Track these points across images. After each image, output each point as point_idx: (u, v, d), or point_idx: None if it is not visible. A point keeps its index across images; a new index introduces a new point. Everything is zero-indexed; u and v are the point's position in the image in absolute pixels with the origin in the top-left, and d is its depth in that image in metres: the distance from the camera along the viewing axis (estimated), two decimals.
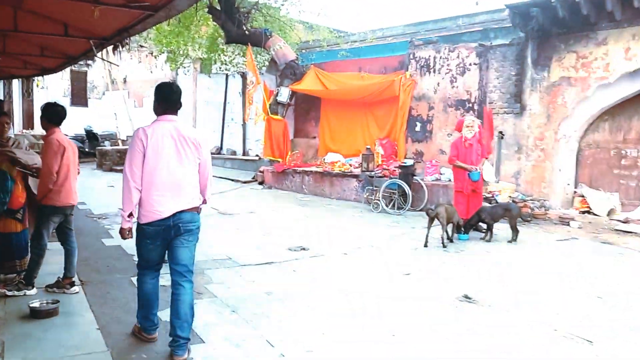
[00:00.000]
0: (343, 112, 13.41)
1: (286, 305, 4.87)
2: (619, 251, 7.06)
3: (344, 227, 8.73)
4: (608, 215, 8.93)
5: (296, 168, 12.82)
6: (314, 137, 14.30)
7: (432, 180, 10.26)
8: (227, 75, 16.65)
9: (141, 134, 3.50)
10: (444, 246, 7.25)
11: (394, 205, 10.08)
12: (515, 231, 7.51)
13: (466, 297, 5.10)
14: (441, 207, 7.27)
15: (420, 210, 10.06)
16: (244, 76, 16.08)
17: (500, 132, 10.33)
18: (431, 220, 7.30)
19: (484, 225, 7.78)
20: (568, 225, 8.60)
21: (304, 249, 7.18)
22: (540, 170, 9.91)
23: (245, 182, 13.99)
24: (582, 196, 9.60)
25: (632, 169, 9.30)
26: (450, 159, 8.03)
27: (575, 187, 9.92)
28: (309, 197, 11.99)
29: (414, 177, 10.18)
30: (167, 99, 3.72)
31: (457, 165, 7.89)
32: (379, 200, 10.05)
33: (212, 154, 17.05)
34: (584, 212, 9.32)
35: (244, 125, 16.09)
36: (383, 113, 12.52)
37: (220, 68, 16.55)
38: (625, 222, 8.49)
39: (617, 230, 8.23)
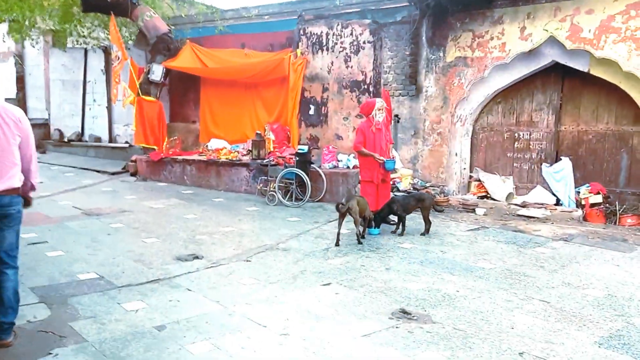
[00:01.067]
0: (226, 94, 12.14)
1: (186, 345, 3.74)
2: (535, 241, 6.84)
3: (239, 225, 7.64)
4: (506, 199, 8.86)
5: (175, 157, 11.36)
6: (194, 122, 12.87)
7: (330, 168, 9.51)
8: (85, 50, 14.42)
9: None
10: (360, 243, 6.52)
11: (291, 196, 9.18)
12: (427, 223, 7.01)
13: (403, 312, 4.36)
14: (353, 200, 6.51)
15: (319, 200, 9.28)
16: (106, 51, 14.01)
17: (396, 116, 9.86)
18: (342, 217, 6.52)
19: (394, 217, 7.19)
20: (473, 212, 8.37)
21: (197, 257, 6.02)
22: (438, 154, 9.62)
23: (114, 174, 12.19)
24: (479, 180, 9.48)
25: (525, 151, 9.34)
26: (355, 146, 7.28)
27: (471, 172, 9.79)
28: (192, 190, 10.65)
29: (312, 164, 9.36)
30: None
31: (364, 154, 7.17)
32: (274, 191, 9.08)
33: (71, 140, 14.82)
34: (482, 197, 9.20)
35: (109, 107, 14.09)
36: (272, 95, 11.49)
37: (77, 42, 14.27)
38: (524, 206, 8.44)
39: (519, 215, 8.13)
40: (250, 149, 11.48)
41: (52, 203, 9.14)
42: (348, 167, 9.56)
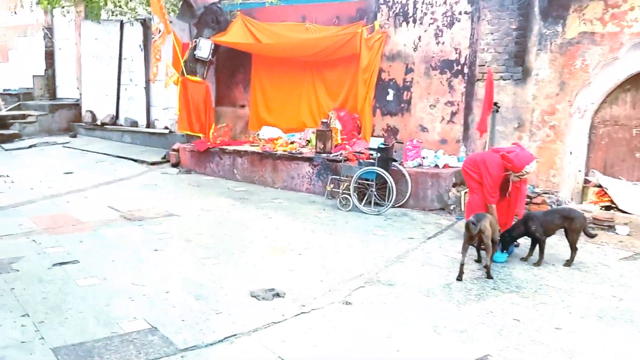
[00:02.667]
0: (282, 74, 10.48)
1: None
2: None
3: (314, 239, 6.04)
4: None
5: (225, 147, 9.78)
6: (243, 106, 11.26)
7: (414, 167, 7.82)
8: (122, 23, 12.89)
9: None
10: (490, 277, 4.85)
11: (367, 200, 7.54)
12: (574, 250, 5.27)
13: None
14: (485, 220, 4.81)
15: (401, 206, 7.61)
16: (145, 24, 12.45)
17: (495, 104, 8.05)
18: (470, 241, 4.83)
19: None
20: (609, 230, 6.58)
21: (277, 293, 4.43)
22: (549, 153, 7.82)
23: (153, 164, 10.69)
24: (599, 186, 7.67)
25: None
26: (489, 197, 5.53)
27: (586, 175, 7.97)
28: (244, 187, 9.08)
29: (394, 162, 7.68)
30: None
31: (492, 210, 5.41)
32: (349, 194, 7.44)
33: (105, 124, 13.38)
34: (606, 208, 7.39)
35: (147, 88, 12.56)
36: (337, 76, 9.78)
37: (112, 12, 12.74)
38: None
39: None
40: (309, 139, 9.87)
41: (84, 201, 7.68)
42: (436, 166, 7.85)
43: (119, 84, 13.20)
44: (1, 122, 13.14)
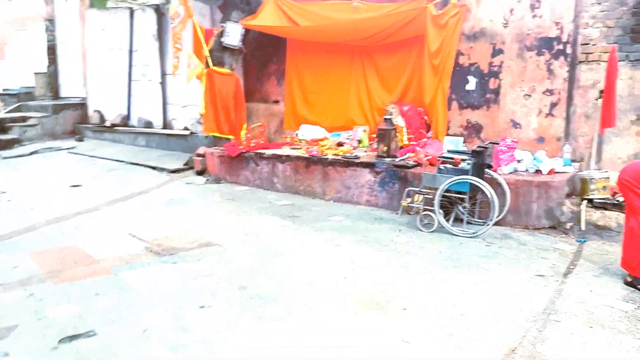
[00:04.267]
0: (324, 63, 8.87)
1: None
2: None
3: (414, 283, 4.43)
4: None
5: (262, 151, 8.19)
6: (276, 102, 9.66)
7: (510, 173, 6.21)
8: (131, 10, 11.29)
9: None
10: None
11: (455, 218, 5.96)
12: None
13: None
14: None
15: (496, 224, 5.98)
16: (159, 11, 10.84)
17: (602, 92, 6.42)
18: None
19: None
20: None
21: None
22: None
23: (174, 172, 9.12)
24: None
25: None
26: None
27: None
28: (288, 199, 7.49)
29: (489, 168, 6.06)
30: None
31: None
32: (432, 210, 5.83)
33: (115, 125, 11.78)
34: None
35: (163, 83, 10.96)
36: (394, 63, 8.17)
37: (121, 0, 11.19)
38: None
39: None
40: (360, 139, 8.28)
41: (97, 225, 6.11)
42: (538, 172, 6.22)
43: (130, 80, 11.62)
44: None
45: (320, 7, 8.45)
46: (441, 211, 5.81)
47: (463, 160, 5.79)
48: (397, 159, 6.94)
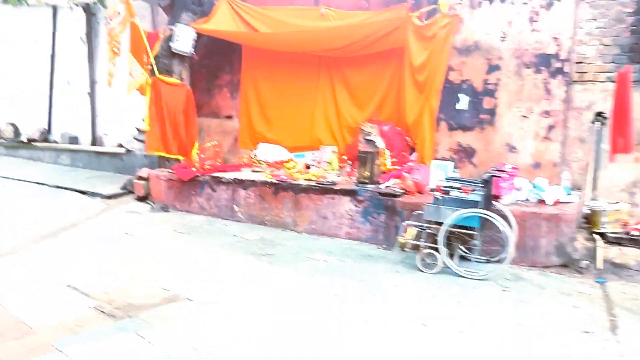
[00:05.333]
0: (285, 75, 7.95)
1: None
2: None
3: (444, 350, 3.60)
4: None
5: (219, 174, 7.10)
6: (229, 117, 8.58)
7: (512, 204, 5.58)
8: (55, 8, 9.78)
9: None
10: None
11: (462, 255, 5.23)
12: None
13: None
14: None
15: (499, 261, 5.32)
16: (88, 10, 9.42)
17: (600, 115, 6.00)
18: None
19: None
20: None
21: None
22: None
23: (110, 197, 7.77)
24: None
25: None
26: None
27: None
28: (254, 231, 6.46)
29: (496, 199, 5.39)
30: None
31: None
32: (435, 248, 5.05)
33: (33, 140, 10.13)
34: None
35: (91, 93, 9.53)
36: (366, 78, 7.41)
37: None
38: None
39: None
40: (329, 161, 7.43)
41: (23, 273, 4.78)
42: (541, 202, 5.65)
43: (51, 88, 10.06)
44: None
45: (282, 12, 7.55)
46: (447, 249, 5.05)
47: (472, 190, 5.06)
48: (381, 186, 6.14)
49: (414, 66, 6.54)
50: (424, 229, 5.24)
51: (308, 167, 7.39)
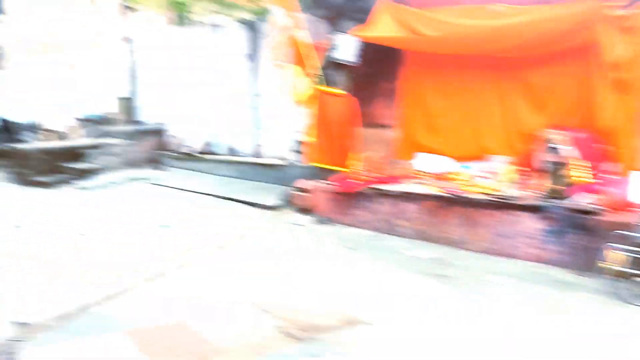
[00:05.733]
0: (452, 79, 7.43)
1: None
2: None
3: None
4: None
5: (382, 186, 6.80)
6: (386, 126, 8.25)
7: None
8: (220, 27, 10.30)
9: None
10: None
11: None
12: None
13: None
14: None
15: None
16: (252, 27, 9.77)
17: None
18: None
19: None
20: None
21: None
22: None
23: (270, 208, 7.86)
24: None
25: None
26: None
27: None
28: (424, 249, 6.03)
29: None
30: None
31: None
32: None
33: (197, 153, 10.78)
34: None
35: (253, 106, 9.85)
36: (548, 78, 6.63)
37: (206, 15, 10.23)
38: None
39: None
40: (503, 172, 6.73)
41: (202, 286, 4.82)
42: None
43: (215, 103, 10.59)
44: (77, 154, 10.79)
45: (449, 13, 7.05)
46: None
47: None
48: (573, 201, 5.36)
49: (612, 63, 5.66)
50: (634, 253, 4.43)
51: (476, 178, 6.78)
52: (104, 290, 4.62)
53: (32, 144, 11.43)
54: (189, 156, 10.83)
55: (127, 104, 12.61)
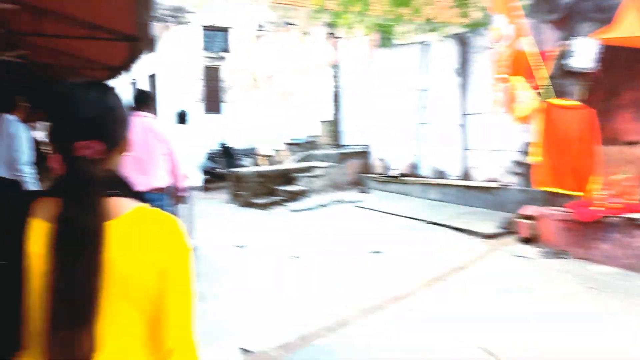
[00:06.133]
0: None
1: None
2: None
3: None
4: None
5: (634, 215, 5.59)
6: (633, 143, 6.90)
7: None
8: (425, 45, 9.93)
9: None
10: None
11: None
12: None
13: None
14: None
15: None
16: (461, 40, 9.20)
17: None
18: None
19: None
20: None
21: None
22: None
23: (489, 237, 7.08)
24: None
25: None
26: None
27: None
28: None
29: None
30: (137, 101, 4.62)
31: None
32: None
33: (401, 175, 10.42)
34: None
35: (463, 125, 9.21)
36: None
37: (413, 33, 9.94)
38: None
39: None
40: None
41: (427, 327, 4.32)
42: None
43: (420, 123, 10.19)
44: (287, 177, 11.32)
45: None
46: None
47: None
48: None
49: None
50: None
51: None
52: (322, 321, 4.42)
53: (248, 168, 12.33)
54: (393, 178, 10.57)
55: (332, 127, 12.94)
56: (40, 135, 6.58)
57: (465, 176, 9.22)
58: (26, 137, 4.74)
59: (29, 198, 1.14)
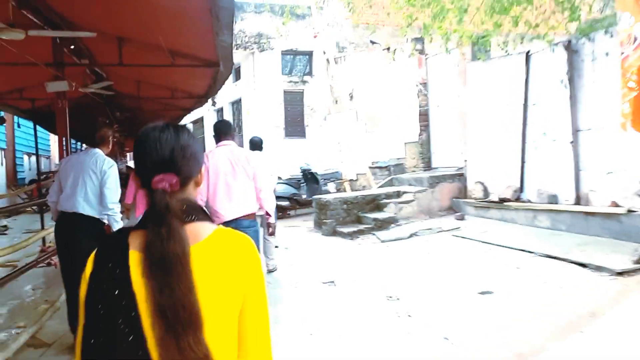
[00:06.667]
0: None
1: None
2: None
3: None
4: None
5: None
6: None
7: None
8: (527, 55, 8.97)
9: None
10: None
11: None
12: None
13: None
14: None
15: None
16: (569, 48, 8.16)
17: None
18: None
19: None
20: None
21: None
22: None
23: (621, 274, 5.98)
24: None
25: None
26: None
27: None
28: None
29: None
30: (218, 131, 4.59)
31: None
32: None
33: (504, 200, 9.34)
34: None
35: (574, 143, 8.12)
36: None
37: (512, 44, 9.01)
38: None
39: None
40: None
41: None
42: None
43: (524, 142, 9.18)
44: (373, 203, 10.65)
45: None
46: None
47: None
48: None
49: None
50: None
51: None
52: None
53: (332, 194, 11.79)
54: (494, 204, 9.58)
55: (419, 148, 12.15)
56: (123, 168, 6.39)
57: (581, 200, 8.08)
58: (115, 175, 4.49)
59: (125, 232, 1.26)
